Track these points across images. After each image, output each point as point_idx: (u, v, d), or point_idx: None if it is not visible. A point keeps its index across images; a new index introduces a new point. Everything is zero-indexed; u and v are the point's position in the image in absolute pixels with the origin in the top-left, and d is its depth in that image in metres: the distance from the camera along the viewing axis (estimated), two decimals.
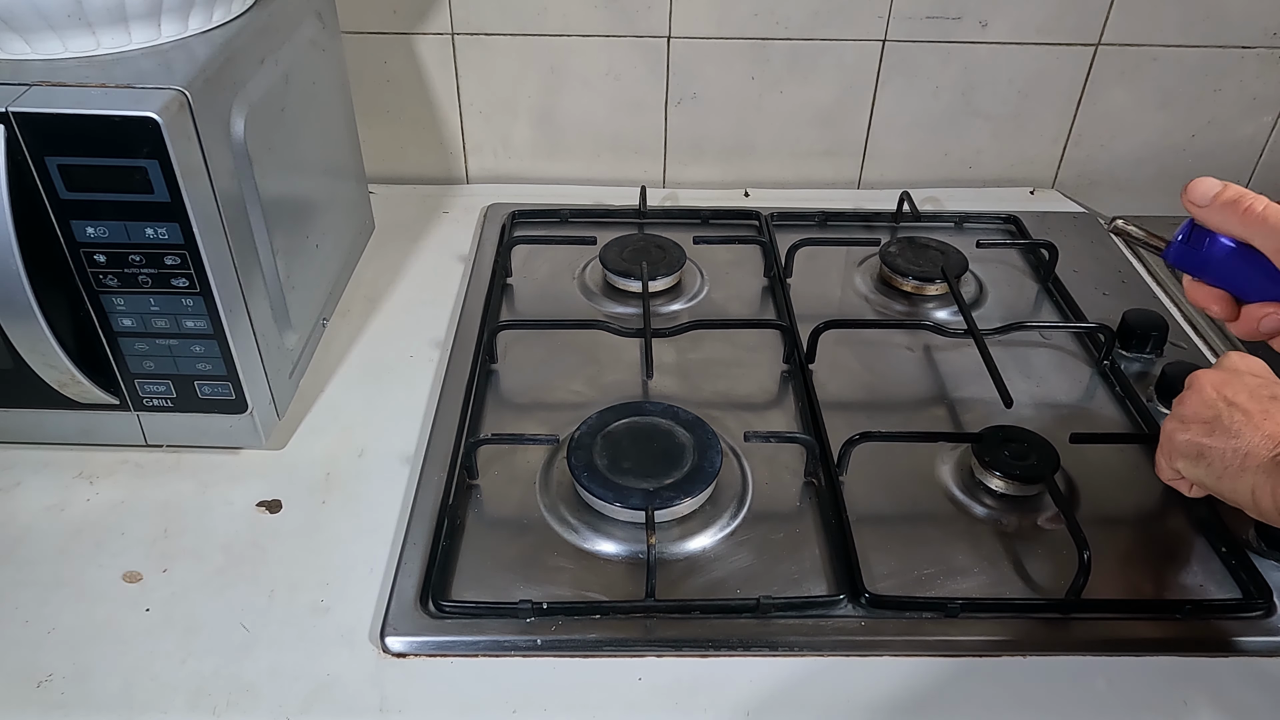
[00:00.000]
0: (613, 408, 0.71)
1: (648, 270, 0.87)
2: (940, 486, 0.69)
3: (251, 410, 0.68)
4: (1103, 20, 0.99)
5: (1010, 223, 1.01)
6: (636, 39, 1.00)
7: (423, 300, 0.89)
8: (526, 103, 1.04)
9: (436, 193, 1.07)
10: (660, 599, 0.59)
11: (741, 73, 1.02)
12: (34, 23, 0.56)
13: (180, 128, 0.56)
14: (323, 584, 0.62)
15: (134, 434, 0.69)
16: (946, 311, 0.88)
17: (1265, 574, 0.62)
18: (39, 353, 0.61)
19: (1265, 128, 1.06)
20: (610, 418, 0.70)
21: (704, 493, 0.65)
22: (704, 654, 0.58)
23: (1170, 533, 0.66)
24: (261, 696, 0.55)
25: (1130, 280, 0.94)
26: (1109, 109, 1.05)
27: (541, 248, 0.95)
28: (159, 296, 0.61)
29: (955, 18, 0.98)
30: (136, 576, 0.62)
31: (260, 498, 0.68)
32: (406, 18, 0.98)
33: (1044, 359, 0.83)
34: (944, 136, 1.07)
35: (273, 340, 0.70)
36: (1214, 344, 0.85)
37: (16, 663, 0.56)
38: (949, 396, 0.78)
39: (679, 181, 1.10)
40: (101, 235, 0.58)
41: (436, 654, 0.57)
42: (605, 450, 0.67)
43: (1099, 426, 0.76)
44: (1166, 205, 1.11)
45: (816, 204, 1.02)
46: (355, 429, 0.74)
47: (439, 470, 0.69)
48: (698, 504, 0.65)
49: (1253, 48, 1.00)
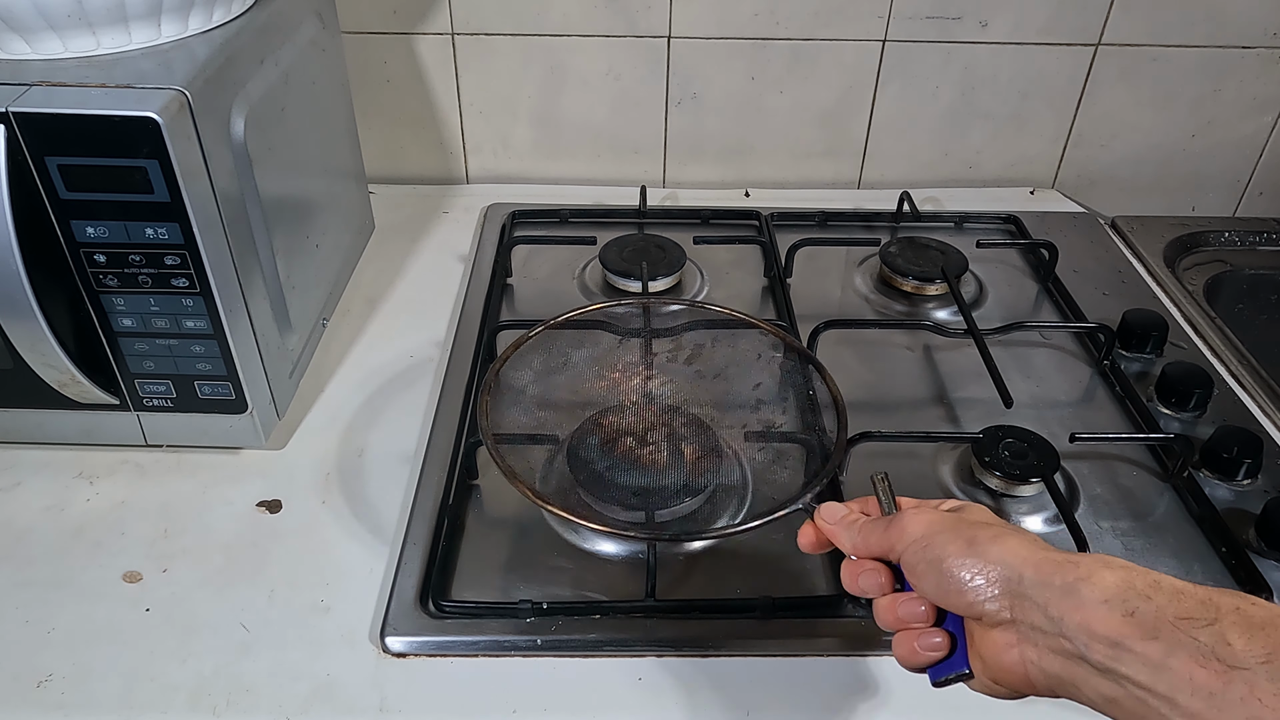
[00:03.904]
0: (613, 407, 0.71)
1: (648, 270, 0.87)
2: (940, 486, 0.69)
3: (251, 410, 0.68)
4: (1103, 20, 0.99)
5: (1010, 223, 1.01)
6: (636, 39, 1.00)
7: (423, 300, 0.89)
8: (526, 103, 1.04)
9: (436, 193, 1.07)
10: (660, 599, 0.59)
11: (741, 73, 1.02)
12: (34, 23, 0.56)
13: (180, 128, 0.56)
14: (323, 584, 0.62)
15: (134, 434, 0.69)
16: (946, 311, 0.88)
17: (1265, 574, 0.62)
18: (39, 353, 0.61)
19: (1265, 128, 1.06)
20: (610, 417, 0.70)
21: (704, 493, 0.65)
22: (704, 654, 0.58)
23: (1170, 533, 0.66)
24: (261, 696, 0.55)
25: (1130, 280, 0.94)
26: (1109, 109, 1.05)
27: (541, 248, 0.95)
28: (159, 296, 0.61)
29: (955, 18, 0.98)
30: (136, 576, 0.62)
31: (260, 498, 0.68)
32: (406, 18, 0.98)
33: (1044, 359, 0.83)
34: (944, 136, 1.07)
35: (273, 340, 0.70)
36: (1214, 344, 0.85)
37: (16, 663, 0.56)
38: (949, 396, 0.78)
39: (679, 181, 1.10)
40: (101, 235, 0.58)
41: (436, 654, 0.57)
42: (605, 450, 0.67)
43: (1099, 426, 0.76)
44: (1166, 205, 1.12)
45: (816, 204, 1.02)
46: (355, 429, 0.74)
47: (439, 470, 0.69)
48: (698, 504, 0.65)
49: (1253, 48, 1.00)
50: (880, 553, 0.46)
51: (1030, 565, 0.40)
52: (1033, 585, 0.39)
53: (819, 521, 0.50)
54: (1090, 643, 0.37)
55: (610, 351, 0.80)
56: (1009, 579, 0.40)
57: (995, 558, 0.41)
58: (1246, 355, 0.83)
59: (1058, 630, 0.38)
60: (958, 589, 0.41)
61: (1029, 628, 0.40)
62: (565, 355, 0.73)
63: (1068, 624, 0.38)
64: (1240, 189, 1.11)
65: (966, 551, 0.42)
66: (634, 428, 0.69)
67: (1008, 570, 0.40)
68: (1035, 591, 0.39)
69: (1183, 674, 0.34)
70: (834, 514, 0.50)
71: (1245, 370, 0.82)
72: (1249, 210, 1.12)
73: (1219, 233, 1.02)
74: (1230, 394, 0.79)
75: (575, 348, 0.77)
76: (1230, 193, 1.12)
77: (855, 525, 0.48)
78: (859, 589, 0.47)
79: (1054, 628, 0.38)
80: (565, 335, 0.73)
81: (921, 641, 0.44)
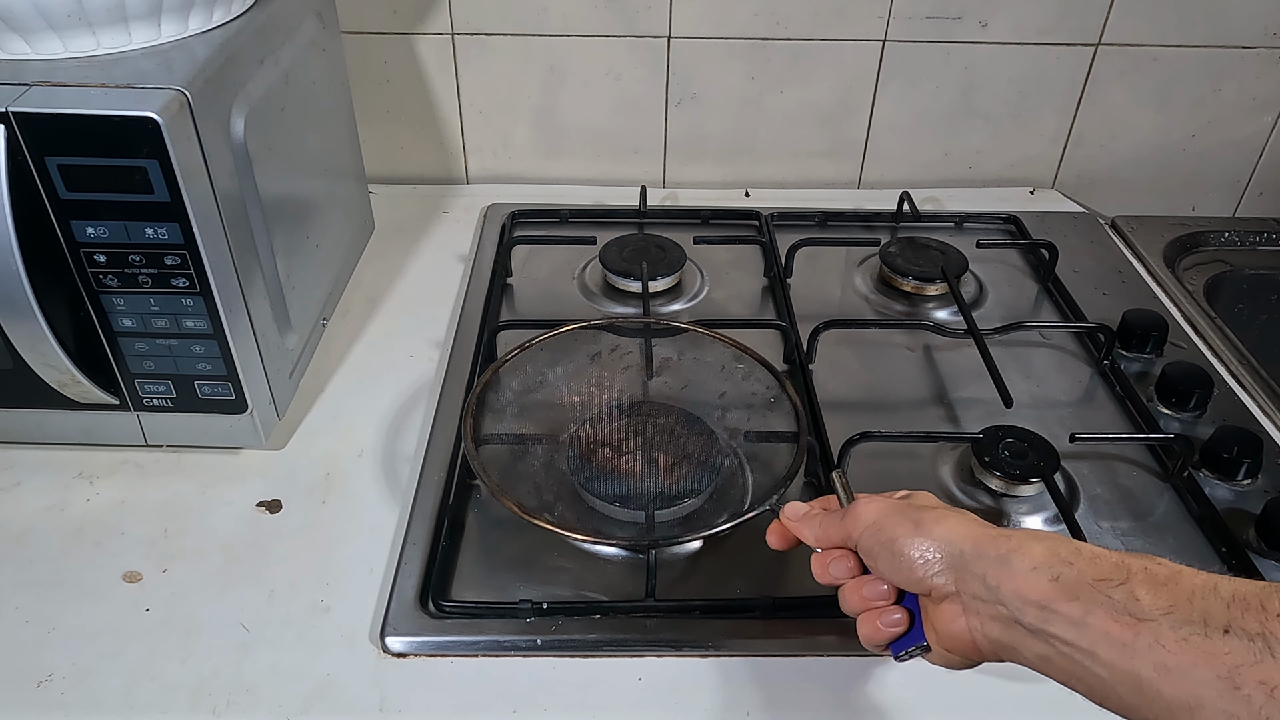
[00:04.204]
0: (613, 408, 0.71)
1: (648, 270, 0.87)
2: (940, 486, 0.69)
3: (251, 410, 0.68)
4: (1103, 20, 0.99)
5: (1010, 223, 1.01)
6: (636, 39, 1.00)
7: (423, 300, 0.89)
8: (526, 103, 1.04)
9: (436, 193, 1.07)
10: (660, 599, 0.59)
11: (741, 73, 1.02)
12: (34, 23, 0.56)
13: (180, 128, 0.56)
14: (323, 584, 0.62)
15: (134, 434, 0.69)
16: (946, 311, 0.88)
17: (1265, 574, 0.62)
18: (39, 353, 0.61)
19: (1265, 128, 1.06)
20: (610, 418, 0.70)
21: (704, 493, 0.65)
22: (704, 654, 0.58)
23: (1170, 533, 0.66)
24: (261, 696, 0.55)
25: (1130, 280, 0.94)
26: (1109, 109, 1.05)
27: (541, 248, 0.95)
28: (159, 296, 0.61)
29: (955, 18, 0.98)
30: (136, 576, 0.62)
31: (260, 498, 0.68)
32: (406, 18, 0.98)
33: (1044, 359, 0.83)
34: (944, 136, 1.07)
35: (273, 340, 0.70)
36: (1214, 344, 0.85)
37: (16, 663, 0.56)
38: (949, 396, 0.78)
39: (679, 181, 1.10)
40: (101, 235, 0.58)
41: (436, 654, 0.57)
42: (605, 450, 0.67)
43: (1099, 426, 0.75)
44: (1166, 205, 1.12)
45: (816, 204, 1.02)
46: (355, 429, 0.74)
47: (439, 470, 0.69)
48: (698, 504, 0.65)
49: (1253, 48, 1.00)
50: (840, 541, 0.50)
51: (969, 540, 0.44)
52: (972, 559, 0.44)
53: (784, 519, 0.54)
54: (1023, 607, 0.41)
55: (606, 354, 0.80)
56: (952, 555, 0.45)
57: (939, 536, 0.45)
58: (1246, 355, 0.83)
59: (995, 598, 0.42)
60: (908, 566, 0.45)
61: (971, 597, 0.44)
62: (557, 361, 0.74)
63: (1003, 592, 0.42)
64: (1240, 189, 1.11)
65: (914, 532, 0.46)
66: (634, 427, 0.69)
67: (950, 547, 0.45)
68: (975, 564, 0.43)
69: (1099, 629, 0.38)
70: (796, 511, 0.54)
71: (1245, 370, 0.82)
72: (1249, 210, 1.12)
73: (1219, 233, 1.02)
74: (1230, 394, 0.79)
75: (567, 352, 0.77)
76: (1230, 193, 1.12)
77: (816, 519, 0.52)
78: (830, 576, 0.50)
79: (992, 595, 0.42)
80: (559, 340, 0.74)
81: (883, 619, 0.48)
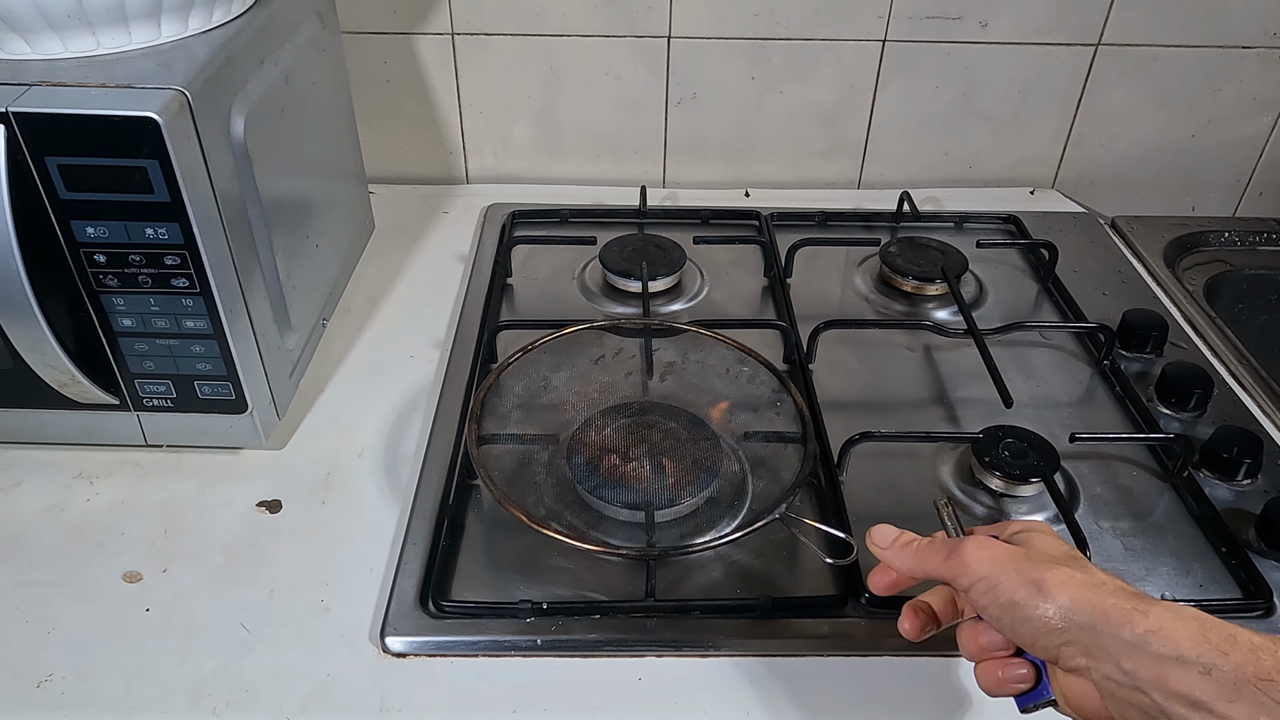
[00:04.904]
0: (613, 408, 0.71)
1: (648, 270, 0.87)
2: (940, 486, 0.69)
3: (251, 410, 0.67)
4: (1103, 20, 0.99)
5: (1010, 223, 1.01)
6: (636, 39, 1.00)
7: (423, 300, 0.89)
8: (526, 103, 1.04)
9: (436, 193, 1.07)
10: (660, 599, 0.59)
11: (741, 73, 1.02)
12: (34, 23, 0.56)
13: (180, 128, 0.56)
14: (323, 584, 0.62)
15: (134, 434, 0.69)
16: (946, 311, 0.88)
17: (1265, 574, 0.62)
18: (39, 353, 0.61)
19: (1265, 128, 1.06)
20: (610, 418, 0.70)
21: (704, 493, 0.65)
22: (704, 654, 0.58)
23: (1170, 533, 0.66)
24: (261, 696, 0.55)
25: (1130, 280, 0.94)
26: (1109, 109, 1.05)
27: (541, 248, 0.95)
28: (159, 296, 0.61)
29: (955, 18, 0.98)
30: (136, 576, 0.62)
31: (260, 498, 0.68)
32: (406, 18, 0.98)
33: (1044, 359, 0.83)
34: (944, 136, 1.07)
35: (273, 340, 0.70)
36: (1214, 344, 0.85)
37: (16, 663, 0.56)
38: (949, 396, 0.78)
39: (679, 181, 1.10)
40: (101, 235, 0.58)
41: (436, 654, 0.57)
42: (605, 450, 0.67)
43: (1099, 426, 0.75)
44: (1166, 205, 1.12)
45: (816, 204, 1.02)
46: (355, 429, 0.74)
47: (439, 470, 0.69)
48: (698, 504, 0.65)
49: (1253, 48, 1.00)
50: (937, 578, 0.46)
51: (1100, 613, 0.40)
52: (1105, 636, 0.39)
53: (870, 546, 0.50)
54: (1168, 701, 0.37)
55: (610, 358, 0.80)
56: (1081, 627, 0.40)
57: (1064, 603, 0.41)
58: (1246, 355, 0.83)
59: (1133, 684, 0.38)
60: (1030, 634, 0.41)
61: (1104, 678, 0.40)
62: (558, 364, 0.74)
63: (1142, 679, 0.38)
64: (1240, 189, 1.11)
65: (1036, 597, 0.41)
66: (634, 427, 0.69)
67: (1079, 618, 0.40)
68: (1108, 643, 0.39)
69: None
70: (885, 538, 0.49)
71: (1245, 370, 0.82)
72: (1249, 210, 1.12)
73: (1219, 233, 1.02)
74: (1230, 394, 0.79)
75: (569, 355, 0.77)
76: (1230, 193, 1.12)
77: (910, 547, 0.48)
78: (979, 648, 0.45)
79: (1129, 680, 0.38)
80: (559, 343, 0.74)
81: (1006, 673, 0.44)
